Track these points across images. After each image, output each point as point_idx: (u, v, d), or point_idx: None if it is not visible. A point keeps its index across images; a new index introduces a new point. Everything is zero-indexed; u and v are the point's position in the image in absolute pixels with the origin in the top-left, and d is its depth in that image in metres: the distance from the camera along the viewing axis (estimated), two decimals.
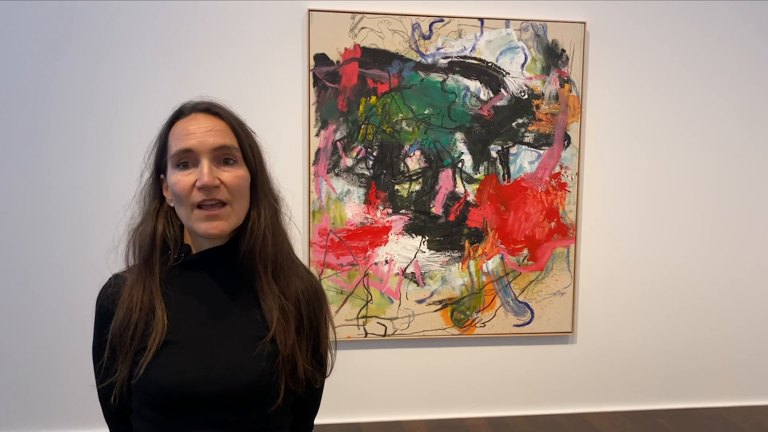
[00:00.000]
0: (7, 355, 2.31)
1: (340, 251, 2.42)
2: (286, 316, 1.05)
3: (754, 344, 2.71)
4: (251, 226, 1.04)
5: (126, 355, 1.01)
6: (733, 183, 2.63)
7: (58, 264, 2.30)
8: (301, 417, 1.18)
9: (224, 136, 1.02)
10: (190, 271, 1.06)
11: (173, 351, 1.00)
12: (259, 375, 1.00)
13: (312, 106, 2.35)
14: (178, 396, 0.98)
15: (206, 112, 1.04)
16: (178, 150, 1.00)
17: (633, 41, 2.52)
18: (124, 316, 1.02)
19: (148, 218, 1.06)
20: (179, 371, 0.98)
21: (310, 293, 1.11)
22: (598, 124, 2.53)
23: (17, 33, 2.21)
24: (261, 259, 1.05)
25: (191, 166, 1.00)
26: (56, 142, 2.26)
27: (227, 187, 1.00)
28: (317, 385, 1.14)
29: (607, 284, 2.60)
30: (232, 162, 1.02)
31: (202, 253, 1.06)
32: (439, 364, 2.54)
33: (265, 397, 1.02)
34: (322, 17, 2.32)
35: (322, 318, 1.13)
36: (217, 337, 1.02)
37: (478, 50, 2.42)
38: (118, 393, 1.02)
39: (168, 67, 2.29)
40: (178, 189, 1.00)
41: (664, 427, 2.48)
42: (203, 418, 0.99)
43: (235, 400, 0.99)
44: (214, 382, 0.98)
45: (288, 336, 1.04)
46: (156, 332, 1.00)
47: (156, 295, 1.02)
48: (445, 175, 2.45)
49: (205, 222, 1.00)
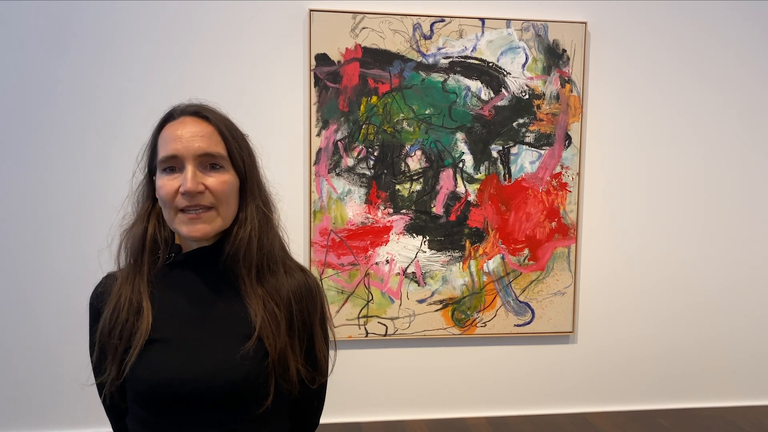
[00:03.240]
0: (6, 354, 2.32)
1: (341, 251, 2.42)
2: (274, 318, 1.04)
3: (755, 344, 2.71)
4: (236, 230, 1.04)
5: (114, 353, 1.02)
6: (734, 183, 2.63)
7: (56, 263, 2.31)
8: (302, 416, 1.18)
9: (210, 141, 1.01)
10: (177, 270, 1.07)
11: (160, 348, 1.01)
12: (245, 373, 1.00)
13: (313, 106, 2.35)
14: (165, 393, 0.98)
15: (195, 116, 1.03)
16: (164, 156, 1.01)
17: (634, 41, 2.52)
18: (111, 316, 1.03)
19: (139, 219, 1.07)
20: (164, 368, 0.99)
21: (303, 292, 1.10)
22: (599, 124, 2.53)
23: (18, 33, 2.22)
24: (245, 263, 1.05)
25: (177, 170, 1.01)
26: (57, 141, 2.27)
27: (212, 192, 1.01)
28: (313, 386, 1.12)
29: (607, 284, 2.61)
30: (218, 167, 1.02)
31: (189, 253, 1.07)
32: (439, 363, 2.54)
33: (252, 397, 1.02)
34: (323, 17, 2.33)
35: (316, 317, 1.12)
36: (203, 335, 1.03)
37: (479, 50, 2.42)
38: (108, 391, 1.03)
39: (169, 67, 2.30)
40: (162, 193, 1.01)
41: (665, 427, 2.49)
42: (191, 417, 1.00)
43: (221, 399, 0.99)
44: (200, 379, 0.99)
45: (277, 338, 1.03)
46: (141, 331, 1.01)
47: (143, 294, 1.03)
48: (446, 175, 2.45)
49: (188, 225, 1.01)
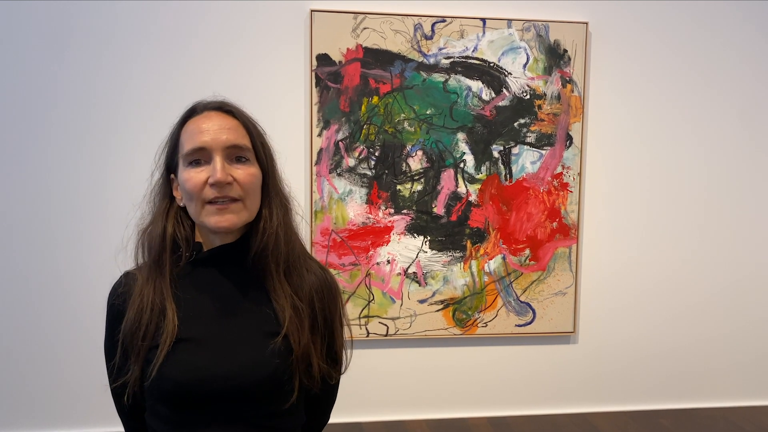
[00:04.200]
0: (7, 355, 2.32)
1: (342, 251, 2.42)
2: (299, 314, 1.04)
3: (757, 344, 2.71)
4: (263, 225, 1.04)
5: (138, 354, 1.01)
6: (735, 183, 2.63)
7: (59, 264, 2.30)
8: (315, 411, 1.18)
9: (237, 134, 1.02)
10: (200, 268, 1.06)
11: (186, 348, 1.00)
12: (272, 371, 1.00)
13: (314, 107, 2.35)
14: (192, 392, 0.98)
15: (219, 110, 1.04)
16: (191, 148, 1.00)
17: (635, 41, 2.52)
18: (134, 317, 1.02)
19: (158, 218, 1.06)
20: (193, 367, 0.99)
21: (324, 290, 1.11)
22: (600, 124, 2.53)
23: (19, 32, 2.22)
24: (273, 258, 1.04)
25: (203, 163, 1.00)
26: (59, 141, 2.27)
27: (240, 184, 1.00)
28: (332, 381, 1.13)
29: (608, 284, 2.60)
30: (244, 160, 1.02)
31: (212, 251, 1.06)
32: (440, 364, 2.54)
33: (278, 393, 1.02)
34: (324, 17, 2.33)
35: (336, 314, 1.13)
36: (230, 334, 1.02)
37: (480, 50, 2.42)
38: (131, 392, 1.02)
39: (170, 67, 2.30)
40: (189, 186, 1.00)
41: (666, 427, 2.48)
42: (217, 414, 0.99)
43: (248, 396, 1.00)
44: (227, 378, 0.99)
45: (302, 335, 1.04)
46: (167, 333, 1.00)
47: (167, 295, 1.02)
48: (447, 175, 2.45)
49: (216, 215, 1.00)
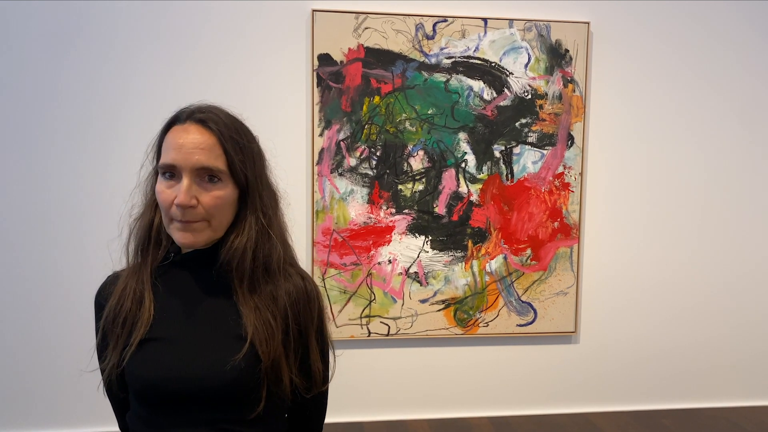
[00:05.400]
0: (7, 354, 2.32)
1: (344, 251, 2.42)
2: (268, 326, 1.04)
3: (758, 344, 2.71)
4: (231, 239, 1.04)
5: (116, 342, 1.04)
6: (736, 183, 2.63)
7: (57, 262, 2.31)
8: (301, 422, 1.18)
9: (210, 155, 1.00)
10: (175, 270, 1.09)
11: (155, 347, 1.03)
12: (237, 375, 1.00)
13: (315, 106, 2.35)
14: (159, 391, 1.00)
15: (200, 124, 1.02)
16: (164, 163, 1.02)
17: (636, 41, 2.51)
18: (116, 304, 1.06)
19: (147, 209, 1.09)
20: (160, 366, 1.01)
21: (301, 299, 1.09)
22: (602, 124, 2.53)
23: (20, 32, 2.23)
24: (238, 274, 1.05)
25: (176, 177, 1.01)
26: (59, 141, 2.27)
27: (204, 207, 1.01)
28: (308, 395, 1.11)
29: (610, 284, 2.60)
30: (216, 180, 1.02)
31: (186, 255, 1.09)
32: (442, 363, 2.54)
33: (245, 399, 1.02)
34: (325, 17, 2.33)
35: (312, 326, 1.10)
36: (198, 336, 1.04)
37: (481, 50, 2.42)
38: (106, 378, 1.06)
39: (171, 67, 2.30)
40: (160, 199, 1.02)
41: (668, 427, 2.48)
42: (186, 416, 1.01)
43: (215, 398, 1.01)
44: (193, 378, 1.00)
45: (270, 346, 1.03)
46: (141, 322, 1.03)
47: (146, 285, 1.06)
48: (448, 175, 2.45)
49: (179, 232, 1.02)
